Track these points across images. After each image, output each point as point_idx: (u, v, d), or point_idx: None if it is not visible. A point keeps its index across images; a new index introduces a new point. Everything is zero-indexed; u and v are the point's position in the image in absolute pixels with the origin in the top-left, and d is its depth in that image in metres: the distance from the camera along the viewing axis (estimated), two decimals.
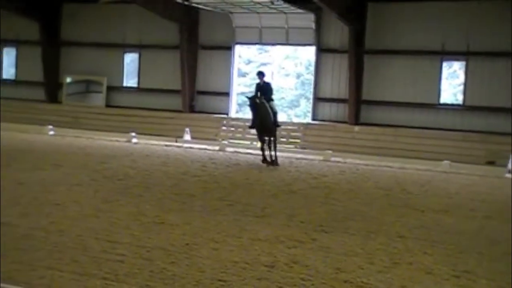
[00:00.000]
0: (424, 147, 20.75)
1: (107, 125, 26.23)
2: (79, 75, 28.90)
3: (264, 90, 16.85)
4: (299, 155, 20.34)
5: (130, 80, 28.53)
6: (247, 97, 16.92)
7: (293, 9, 22.63)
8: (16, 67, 30.75)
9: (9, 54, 30.89)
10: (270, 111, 16.63)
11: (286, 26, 24.12)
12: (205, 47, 25.90)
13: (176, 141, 22.36)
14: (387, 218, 10.31)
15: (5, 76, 31.12)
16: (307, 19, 23.44)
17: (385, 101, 22.61)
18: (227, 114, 25.33)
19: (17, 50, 30.57)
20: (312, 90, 24.49)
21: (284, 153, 20.50)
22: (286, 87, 33.60)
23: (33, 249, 6.92)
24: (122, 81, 28.46)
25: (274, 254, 7.49)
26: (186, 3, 23.30)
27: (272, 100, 16.94)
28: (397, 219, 10.22)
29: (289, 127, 23.84)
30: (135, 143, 22.15)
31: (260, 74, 17.16)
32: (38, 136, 22.81)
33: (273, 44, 26.25)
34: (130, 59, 28.49)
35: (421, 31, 21.85)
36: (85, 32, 28.56)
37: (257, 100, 16.44)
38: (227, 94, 25.59)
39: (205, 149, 20.99)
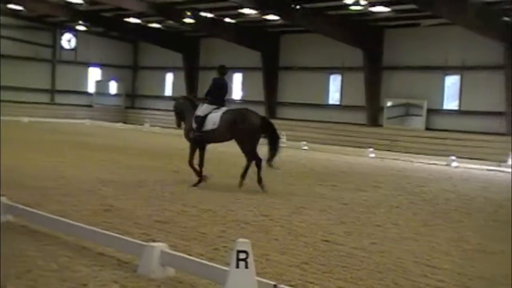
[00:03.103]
0: None
1: (426, 148, 26.15)
2: (399, 98, 29.38)
3: None
4: None
5: (450, 103, 28.08)
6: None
7: None
8: (341, 93, 32.49)
9: (335, 80, 32.81)
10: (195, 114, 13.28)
11: None
12: None
13: (500, 166, 21.26)
14: None
15: (331, 101, 33.11)
16: None
17: None
18: None
19: (342, 76, 32.31)
20: None
21: None
22: None
23: (355, 268, 7.22)
24: (442, 104, 28.14)
25: None
26: None
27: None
28: None
29: None
30: (455, 167, 21.65)
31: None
32: (360, 158, 23.69)
33: None
34: (451, 82, 28.06)
35: None
36: (405, 56, 28.96)
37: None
38: None
39: None
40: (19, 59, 40.43)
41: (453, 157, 22.46)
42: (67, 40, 42.99)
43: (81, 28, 42.12)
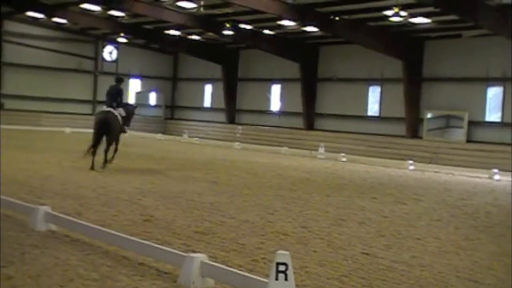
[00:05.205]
0: None
1: (468, 160, 25.78)
2: (439, 110, 29.05)
3: None
4: None
5: (492, 115, 27.64)
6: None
7: None
8: (380, 104, 32.27)
9: (374, 92, 32.62)
10: None
11: None
12: None
13: None
14: None
15: (370, 113, 32.90)
16: None
17: None
18: None
19: (381, 88, 32.10)
20: None
21: None
22: None
23: (395, 282, 7.13)
24: (484, 116, 27.72)
25: None
26: None
27: None
28: None
29: None
30: (497, 180, 21.27)
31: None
32: (399, 170, 23.45)
33: None
34: (493, 93, 27.63)
35: None
36: (446, 67, 28.67)
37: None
38: None
39: None
40: (62, 71, 41.26)
41: (496, 170, 22.07)
42: (109, 52, 43.70)
43: (122, 40, 42.76)
